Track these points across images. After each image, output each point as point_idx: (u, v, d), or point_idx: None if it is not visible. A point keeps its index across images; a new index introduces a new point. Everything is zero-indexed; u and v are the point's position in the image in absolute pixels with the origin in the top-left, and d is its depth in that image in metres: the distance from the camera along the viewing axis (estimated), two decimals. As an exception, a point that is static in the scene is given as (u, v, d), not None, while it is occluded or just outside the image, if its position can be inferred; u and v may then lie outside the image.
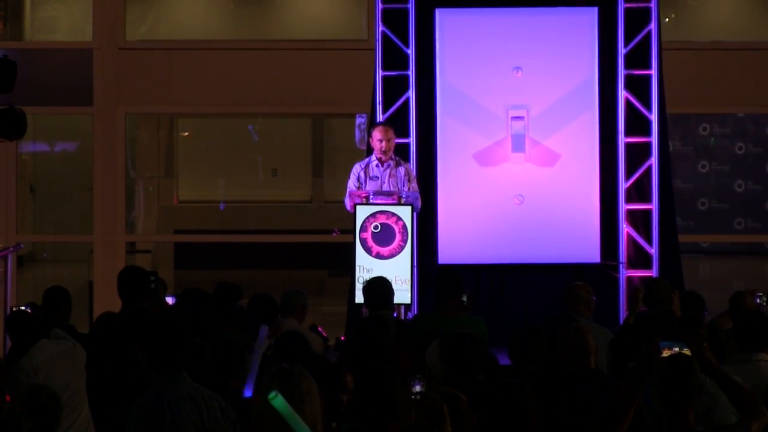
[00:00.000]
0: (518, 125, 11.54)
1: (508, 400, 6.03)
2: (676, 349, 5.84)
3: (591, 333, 7.23)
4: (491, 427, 6.01)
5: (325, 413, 5.32)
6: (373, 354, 6.98)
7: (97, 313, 11.50)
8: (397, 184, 10.81)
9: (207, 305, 8.36)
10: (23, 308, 7.58)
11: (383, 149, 10.82)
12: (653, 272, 11.51)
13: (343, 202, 10.95)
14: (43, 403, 5.85)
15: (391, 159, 10.89)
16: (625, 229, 11.60)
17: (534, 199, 11.56)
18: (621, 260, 11.57)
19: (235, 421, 5.79)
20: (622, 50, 11.58)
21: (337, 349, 9.11)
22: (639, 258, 11.64)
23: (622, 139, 11.60)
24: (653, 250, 11.61)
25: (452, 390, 6.08)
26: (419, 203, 10.89)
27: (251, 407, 5.34)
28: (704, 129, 18.53)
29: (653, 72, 11.64)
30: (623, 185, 11.60)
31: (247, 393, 6.58)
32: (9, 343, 7.91)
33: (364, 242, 10.52)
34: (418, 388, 5.72)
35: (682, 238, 12.30)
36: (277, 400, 4.88)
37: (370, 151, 11.11)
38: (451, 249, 11.53)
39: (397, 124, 11.39)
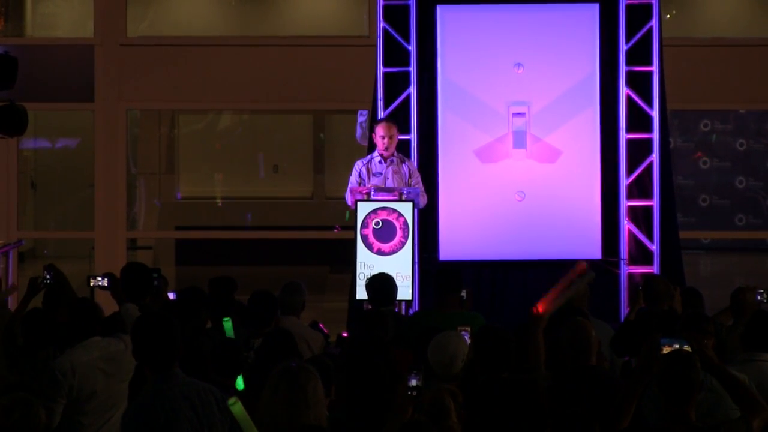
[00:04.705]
0: (519, 122, 11.54)
1: (519, 395, 6.03)
2: (677, 345, 5.83)
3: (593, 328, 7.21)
4: (503, 423, 6.01)
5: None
6: (369, 349, 6.96)
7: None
8: (402, 180, 10.79)
9: (205, 303, 8.33)
10: (100, 279, 7.43)
11: (386, 146, 10.81)
12: (654, 269, 11.51)
13: (344, 198, 10.93)
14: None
15: (394, 155, 10.88)
16: (626, 225, 11.60)
17: (535, 195, 11.55)
18: (622, 257, 11.56)
19: (232, 414, 5.77)
20: (623, 46, 11.57)
21: (339, 346, 9.10)
22: (640, 254, 11.63)
23: (623, 136, 11.59)
24: (654, 247, 11.60)
25: (450, 386, 6.07)
26: (424, 200, 10.85)
27: (247, 401, 5.33)
28: (705, 125, 18.52)
29: (654, 68, 11.64)
30: (624, 182, 11.60)
31: None
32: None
33: (365, 239, 10.51)
34: (414, 383, 5.63)
35: (683, 235, 12.30)
36: (236, 407, 4.88)
37: (371, 147, 11.10)
38: (452, 245, 11.52)
39: (399, 120, 11.38)
